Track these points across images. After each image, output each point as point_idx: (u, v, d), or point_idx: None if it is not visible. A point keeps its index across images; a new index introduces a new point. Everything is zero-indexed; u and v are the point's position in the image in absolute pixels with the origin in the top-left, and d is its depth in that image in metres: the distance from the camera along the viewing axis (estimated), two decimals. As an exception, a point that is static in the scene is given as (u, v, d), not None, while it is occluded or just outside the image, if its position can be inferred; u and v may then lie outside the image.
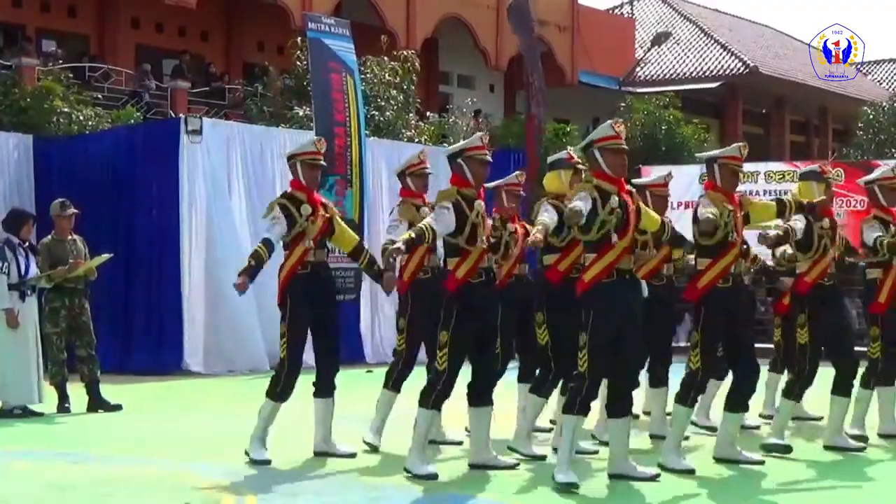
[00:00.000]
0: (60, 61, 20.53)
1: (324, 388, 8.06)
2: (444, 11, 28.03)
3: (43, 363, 10.68)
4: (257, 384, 8.12)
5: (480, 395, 7.42)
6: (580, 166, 8.09)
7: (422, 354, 8.47)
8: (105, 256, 10.91)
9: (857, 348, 8.88)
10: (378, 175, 17.18)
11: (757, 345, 8.19)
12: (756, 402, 9.76)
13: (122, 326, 14.84)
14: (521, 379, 8.66)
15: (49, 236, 10.94)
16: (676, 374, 8.19)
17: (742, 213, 7.71)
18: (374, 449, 8.28)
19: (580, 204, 6.77)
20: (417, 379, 7.98)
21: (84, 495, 7.04)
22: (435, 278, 8.04)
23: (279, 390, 7.91)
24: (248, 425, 8.06)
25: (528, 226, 8.35)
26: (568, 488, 6.83)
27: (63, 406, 10.70)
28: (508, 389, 8.62)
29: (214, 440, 8.82)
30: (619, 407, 7.22)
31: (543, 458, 7.89)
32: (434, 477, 7.18)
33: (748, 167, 21.42)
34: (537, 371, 8.27)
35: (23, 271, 10.35)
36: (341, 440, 8.16)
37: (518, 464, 7.68)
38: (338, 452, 8.03)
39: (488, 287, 7.36)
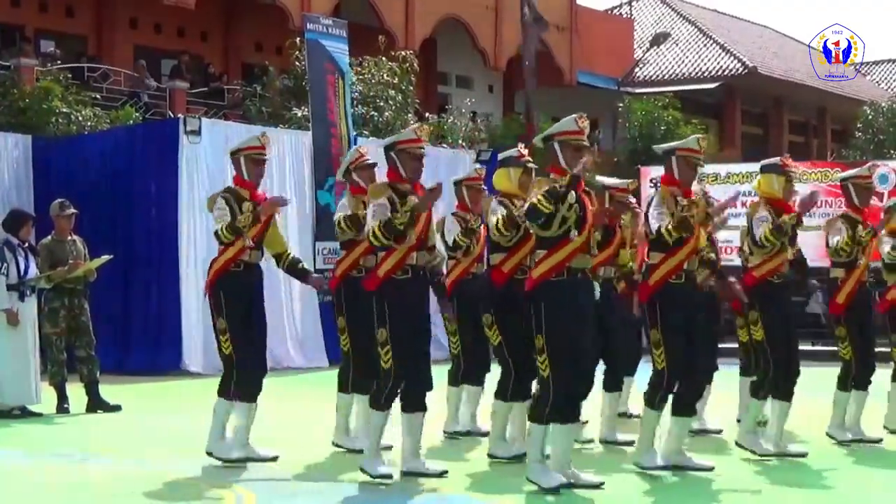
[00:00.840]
0: (59, 62, 20.51)
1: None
2: (443, 12, 28.01)
3: (42, 364, 10.68)
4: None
5: (415, 401, 7.21)
6: (530, 165, 7.91)
7: None
8: (105, 258, 10.90)
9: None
10: (379, 176, 17.14)
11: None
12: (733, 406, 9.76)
13: (121, 327, 14.83)
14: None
15: (49, 237, 10.93)
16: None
17: (699, 210, 7.40)
18: (354, 451, 8.07)
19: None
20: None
21: (83, 495, 7.04)
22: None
23: (251, 391, 7.69)
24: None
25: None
26: (555, 492, 6.71)
27: (62, 406, 10.69)
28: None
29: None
30: (566, 412, 6.91)
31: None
32: (389, 477, 7.04)
33: (748, 167, 21.49)
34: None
35: (22, 272, 10.34)
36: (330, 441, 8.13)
37: (444, 471, 7.41)
38: (257, 456, 7.84)
39: (417, 284, 7.17)
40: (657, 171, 21.77)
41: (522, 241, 7.54)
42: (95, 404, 10.75)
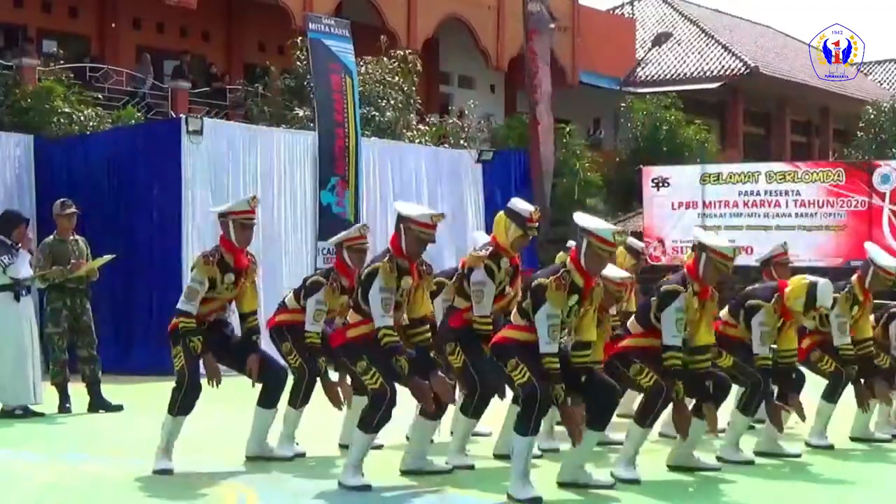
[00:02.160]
0: (61, 62, 20.55)
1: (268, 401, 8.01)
2: (445, 12, 28.04)
3: (44, 363, 10.67)
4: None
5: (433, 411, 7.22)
6: (531, 233, 7.65)
7: None
8: (107, 257, 10.89)
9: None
10: (380, 176, 17.24)
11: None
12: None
13: (123, 326, 14.84)
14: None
15: (51, 236, 10.94)
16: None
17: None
18: (300, 456, 8.14)
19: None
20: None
21: (84, 495, 7.05)
22: None
23: (183, 404, 7.68)
24: (248, 425, 8.09)
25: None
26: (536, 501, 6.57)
27: (64, 406, 10.70)
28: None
29: (215, 439, 8.84)
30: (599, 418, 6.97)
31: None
32: (368, 489, 6.96)
33: (750, 167, 21.49)
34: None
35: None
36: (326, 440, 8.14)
37: (452, 469, 7.51)
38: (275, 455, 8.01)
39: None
40: (659, 171, 21.84)
41: (497, 298, 7.48)
42: (97, 404, 10.76)
